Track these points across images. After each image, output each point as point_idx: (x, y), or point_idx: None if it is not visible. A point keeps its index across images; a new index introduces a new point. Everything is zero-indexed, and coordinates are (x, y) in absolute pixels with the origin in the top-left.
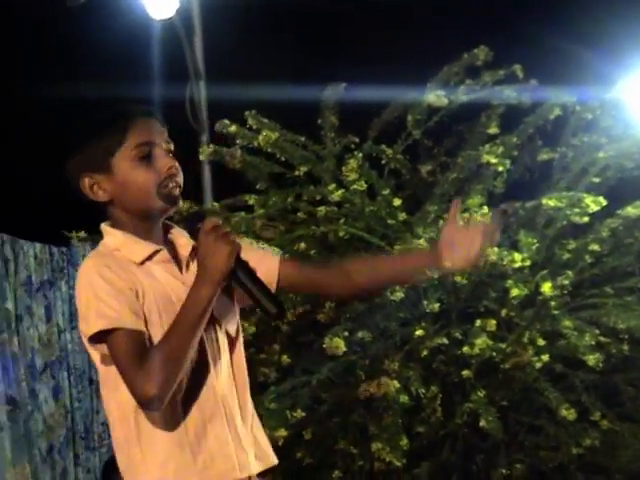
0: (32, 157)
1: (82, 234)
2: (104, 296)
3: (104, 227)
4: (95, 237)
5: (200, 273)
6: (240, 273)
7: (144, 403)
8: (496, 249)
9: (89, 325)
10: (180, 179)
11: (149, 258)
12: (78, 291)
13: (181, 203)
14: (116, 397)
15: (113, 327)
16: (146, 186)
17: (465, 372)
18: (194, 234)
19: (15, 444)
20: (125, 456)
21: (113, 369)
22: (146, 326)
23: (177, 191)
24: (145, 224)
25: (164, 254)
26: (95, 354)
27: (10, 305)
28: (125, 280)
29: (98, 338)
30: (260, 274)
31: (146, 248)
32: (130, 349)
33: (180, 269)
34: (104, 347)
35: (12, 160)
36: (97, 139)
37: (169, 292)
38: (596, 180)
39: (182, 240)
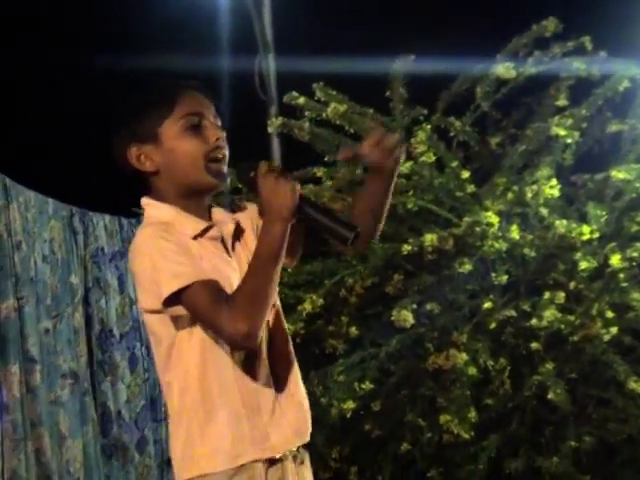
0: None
1: None
2: (172, 255)
3: (148, 200)
4: None
5: (268, 215)
6: (306, 207)
7: (238, 341)
8: (564, 221)
9: (163, 288)
10: (226, 152)
11: (201, 234)
12: (139, 261)
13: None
14: (179, 367)
15: (190, 282)
16: (193, 155)
17: (534, 345)
18: (250, 184)
19: (74, 418)
20: (184, 427)
21: (180, 336)
22: None
23: (225, 167)
24: (191, 199)
25: (215, 231)
26: (160, 322)
27: (75, 279)
28: (187, 244)
29: (173, 300)
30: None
31: (198, 223)
32: (212, 296)
33: (226, 249)
34: (179, 309)
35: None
36: (145, 109)
37: (223, 270)
38: None
39: (225, 219)
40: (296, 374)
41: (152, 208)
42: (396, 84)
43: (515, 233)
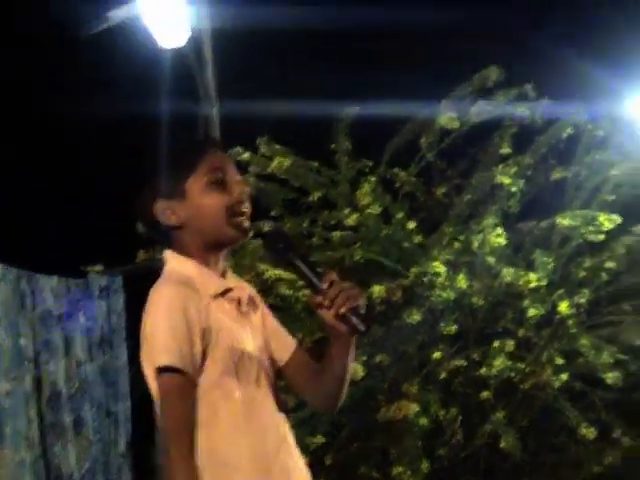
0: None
1: (99, 267)
2: (178, 334)
3: (172, 254)
4: (112, 270)
5: None
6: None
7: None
8: (511, 269)
9: (159, 356)
10: (249, 206)
11: (222, 294)
12: (152, 318)
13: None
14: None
15: (178, 368)
16: (218, 208)
17: (484, 393)
18: (278, 254)
19: None
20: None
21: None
22: (204, 360)
23: (247, 222)
24: (212, 254)
25: (235, 294)
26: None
27: (24, 341)
28: (200, 318)
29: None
30: (274, 345)
31: (220, 283)
32: (186, 401)
33: (241, 314)
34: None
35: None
36: (172, 166)
37: (238, 334)
38: (610, 198)
39: (239, 284)
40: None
41: (175, 262)
42: (341, 136)
43: (462, 282)
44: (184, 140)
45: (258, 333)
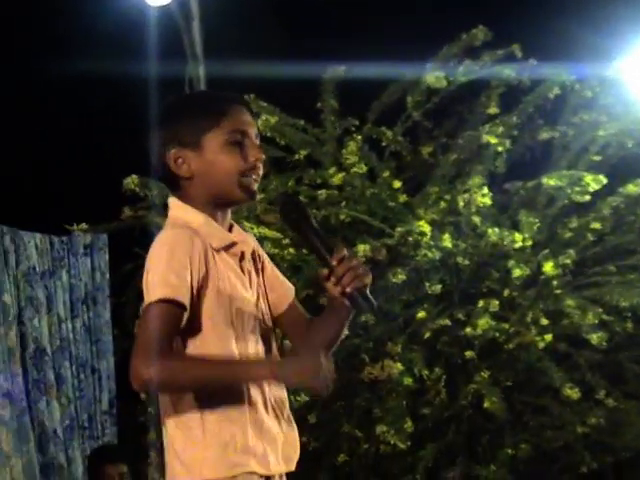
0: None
1: (83, 226)
2: (176, 266)
3: (177, 202)
4: (97, 228)
5: (285, 367)
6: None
7: (133, 378)
8: (497, 229)
9: (154, 291)
10: (261, 173)
11: (225, 248)
12: (153, 259)
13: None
14: None
15: (172, 298)
16: (231, 170)
17: (468, 353)
18: (292, 223)
19: (12, 438)
20: (184, 432)
21: (196, 341)
22: (195, 308)
23: (255, 185)
24: (218, 210)
25: (238, 248)
26: None
27: (7, 298)
28: (201, 262)
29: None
30: (270, 297)
31: (225, 237)
32: (166, 326)
33: (241, 268)
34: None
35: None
36: (193, 116)
37: (239, 288)
38: (597, 158)
39: (244, 238)
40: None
41: (181, 211)
42: (327, 95)
43: (448, 242)
44: (211, 92)
45: (257, 289)
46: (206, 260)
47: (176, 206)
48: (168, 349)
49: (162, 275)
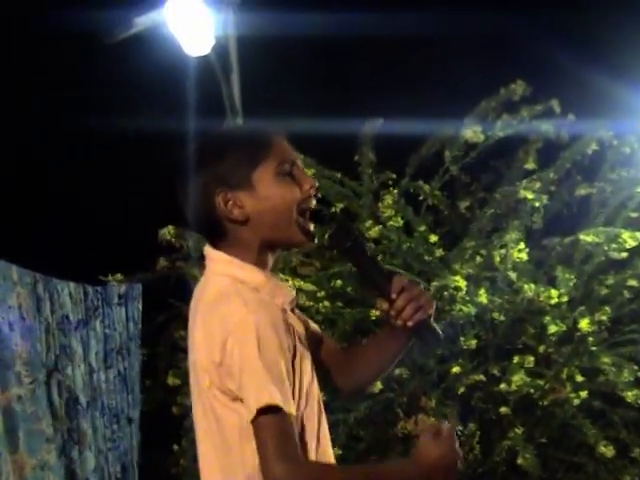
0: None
1: (118, 276)
2: (273, 367)
3: (221, 255)
4: (131, 278)
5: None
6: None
7: None
8: (533, 285)
9: (252, 395)
10: (314, 203)
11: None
12: (235, 342)
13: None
14: (243, 463)
15: (277, 405)
16: (289, 202)
17: (503, 409)
18: (345, 252)
19: None
20: None
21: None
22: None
23: (312, 226)
24: (267, 254)
25: (294, 302)
26: (226, 405)
27: (40, 347)
28: (288, 338)
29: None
30: (319, 349)
31: (288, 292)
32: (285, 432)
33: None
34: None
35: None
36: (236, 153)
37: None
38: (634, 215)
39: (283, 286)
40: None
41: (236, 268)
42: (365, 148)
43: (483, 297)
44: (247, 125)
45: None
46: (287, 327)
47: (224, 261)
48: (304, 455)
49: (260, 377)
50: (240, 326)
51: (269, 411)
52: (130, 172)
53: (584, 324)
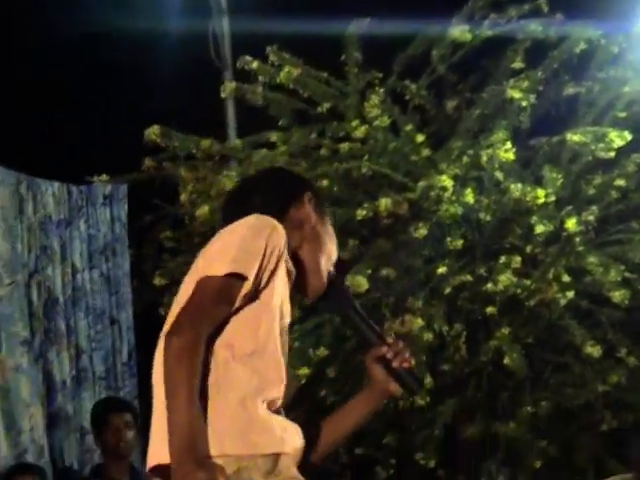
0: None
1: (103, 177)
2: (252, 249)
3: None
4: (117, 178)
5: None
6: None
7: (171, 332)
8: (520, 185)
9: (219, 266)
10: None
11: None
12: (230, 234)
13: (203, 141)
14: (241, 335)
15: (238, 272)
16: (323, 267)
17: (489, 309)
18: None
19: (31, 386)
20: (228, 401)
21: (247, 313)
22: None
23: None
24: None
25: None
26: None
27: (21, 247)
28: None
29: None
30: None
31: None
32: (215, 305)
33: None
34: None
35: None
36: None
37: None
38: (622, 115)
39: None
40: None
41: (281, 235)
42: (351, 47)
43: (470, 197)
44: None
45: None
46: (279, 257)
47: (282, 228)
48: (204, 332)
49: (233, 252)
50: (240, 223)
51: (215, 278)
52: (117, 74)
53: (571, 224)
